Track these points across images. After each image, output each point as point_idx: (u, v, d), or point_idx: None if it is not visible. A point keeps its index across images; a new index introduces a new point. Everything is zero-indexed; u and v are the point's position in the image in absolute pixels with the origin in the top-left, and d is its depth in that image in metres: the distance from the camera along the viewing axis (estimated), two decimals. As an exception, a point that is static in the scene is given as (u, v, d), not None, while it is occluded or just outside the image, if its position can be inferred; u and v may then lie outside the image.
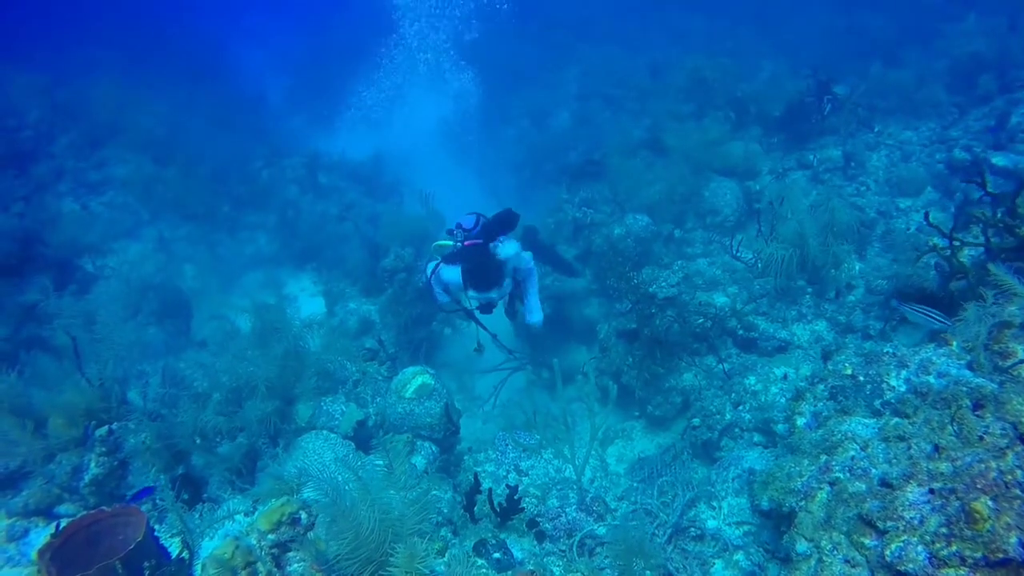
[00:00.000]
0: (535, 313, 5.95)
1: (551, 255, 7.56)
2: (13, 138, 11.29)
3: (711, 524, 4.53)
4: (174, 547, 3.89)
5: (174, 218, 10.33)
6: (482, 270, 5.34)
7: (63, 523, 3.56)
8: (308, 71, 19.58)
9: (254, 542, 3.36)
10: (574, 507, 4.64)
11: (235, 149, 12.55)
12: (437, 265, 5.64)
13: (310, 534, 3.46)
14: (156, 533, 3.90)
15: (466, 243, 5.40)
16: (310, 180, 11.48)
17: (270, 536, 3.37)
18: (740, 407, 5.51)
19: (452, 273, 5.48)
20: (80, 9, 22.98)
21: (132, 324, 7.37)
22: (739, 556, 4.27)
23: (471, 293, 5.43)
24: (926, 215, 5.28)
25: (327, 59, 19.71)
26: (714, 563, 4.29)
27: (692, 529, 4.49)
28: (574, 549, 4.30)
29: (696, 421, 5.70)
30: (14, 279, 8.01)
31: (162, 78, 15.21)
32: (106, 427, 4.68)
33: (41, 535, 4.41)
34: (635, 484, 5.25)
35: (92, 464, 4.60)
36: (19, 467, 4.60)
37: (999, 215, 4.49)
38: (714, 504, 4.68)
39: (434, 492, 4.62)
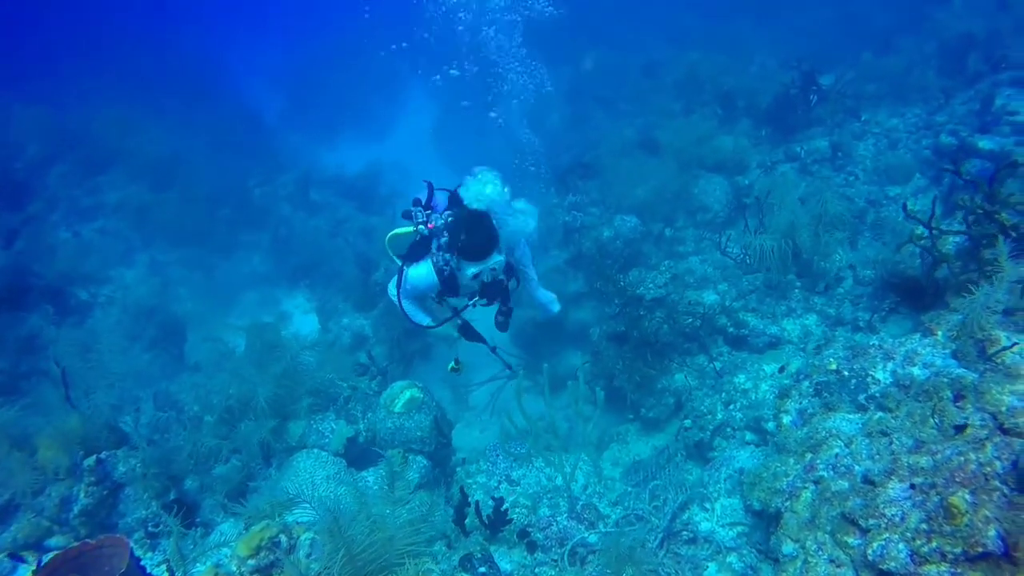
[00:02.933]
0: (553, 302, 4.82)
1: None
2: (7, 168, 11.39)
3: (704, 526, 4.47)
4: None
5: (170, 242, 10.39)
6: (476, 235, 3.85)
7: (45, 558, 3.57)
8: (303, 85, 19.75)
9: (234, 568, 3.35)
10: (565, 515, 4.61)
11: (232, 169, 12.61)
12: (401, 272, 4.28)
13: (291, 556, 3.44)
14: (143, 562, 3.92)
15: (429, 225, 4.13)
16: (301, 197, 11.55)
17: (250, 562, 3.37)
18: (731, 406, 5.44)
19: (422, 272, 4.18)
20: (78, 37, 23.25)
21: (126, 351, 7.42)
22: (732, 558, 4.21)
23: (470, 270, 3.91)
24: (904, 206, 5.22)
25: (322, 71, 19.88)
26: (707, 566, 4.23)
27: (685, 532, 4.44)
28: (565, 558, 4.26)
29: (688, 422, 5.64)
30: (12, 311, 8.09)
31: (160, 102, 15.33)
32: (94, 456, 4.68)
33: (30, 570, 4.41)
34: (629, 488, 5.21)
35: (81, 494, 4.59)
36: (9, 500, 4.59)
37: (978, 201, 4.43)
38: (707, 506, 4.61)
39: (426, 507, 4.60)
